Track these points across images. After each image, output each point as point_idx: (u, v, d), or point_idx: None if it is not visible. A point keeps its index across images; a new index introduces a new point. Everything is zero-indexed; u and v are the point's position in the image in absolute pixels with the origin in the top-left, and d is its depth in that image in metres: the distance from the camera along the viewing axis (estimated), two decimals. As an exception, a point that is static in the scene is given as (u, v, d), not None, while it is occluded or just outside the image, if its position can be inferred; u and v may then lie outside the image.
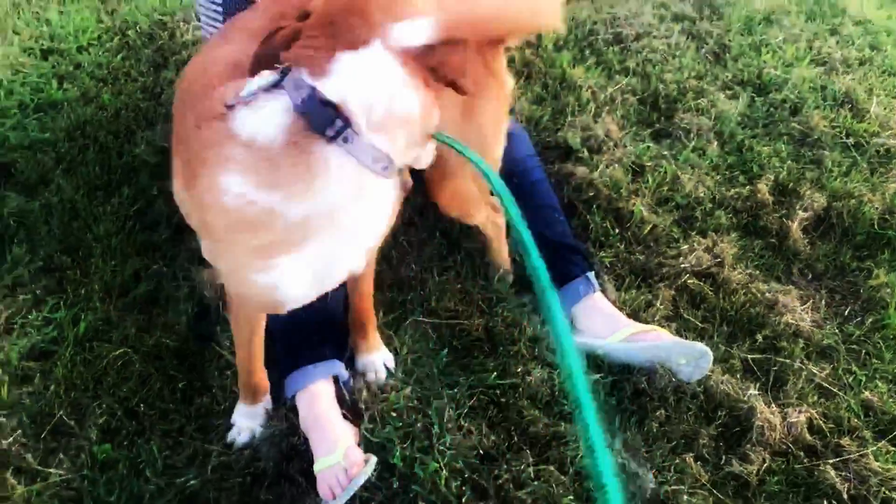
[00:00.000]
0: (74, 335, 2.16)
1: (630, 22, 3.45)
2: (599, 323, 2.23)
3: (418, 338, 2.23)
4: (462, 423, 1.98)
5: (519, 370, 2.13)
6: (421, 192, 2.53)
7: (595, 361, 2.16)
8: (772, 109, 3.04)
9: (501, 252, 2.39)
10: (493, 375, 2.10)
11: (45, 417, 2.01)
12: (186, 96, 1.56)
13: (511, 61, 3.20)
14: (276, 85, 1.32)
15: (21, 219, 2.45)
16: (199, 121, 1.39)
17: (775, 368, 2.17)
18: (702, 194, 2.64)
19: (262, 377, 2.00)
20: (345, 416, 1.99)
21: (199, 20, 2.21)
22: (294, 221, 1.34)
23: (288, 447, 1.96)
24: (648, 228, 2.53)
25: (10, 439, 1.95)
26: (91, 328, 2.18)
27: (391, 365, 2.13)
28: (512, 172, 2.36)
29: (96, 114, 2.79)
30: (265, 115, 1.30)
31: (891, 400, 2.10)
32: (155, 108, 2.84)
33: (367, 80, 1.30)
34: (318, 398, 1.97)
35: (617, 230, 2.53)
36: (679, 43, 3.34)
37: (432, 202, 2.08)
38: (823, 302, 2.38)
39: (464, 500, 1.82)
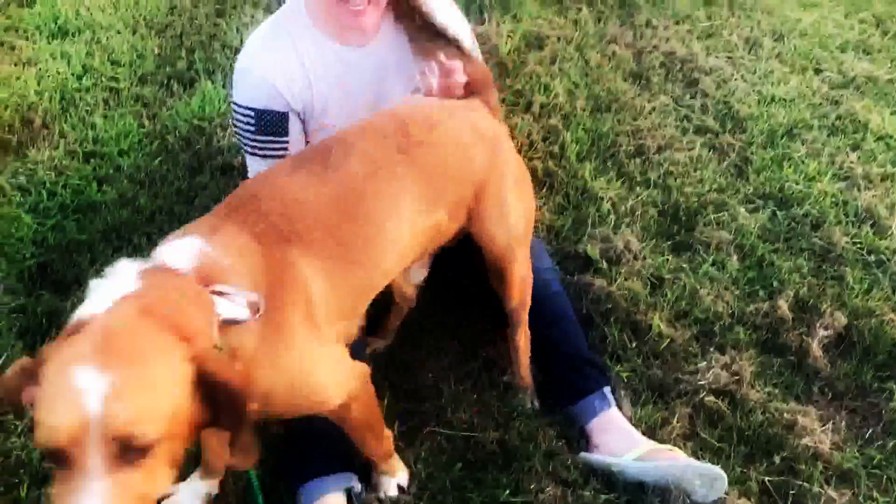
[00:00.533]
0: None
1: (652, 134, 3.53)
2: (615, 439, 2.22)
3: (433, 450, 2.23)
4: (472, 541, 1.97)
5: (532, 487, 2.13)
6: (440, 298, 2.60)
7: (608, 479, 2.15)
8: (793, 224, 3.06)
9: (524, 365, 2.39)
10: (506, 492, 2.09)
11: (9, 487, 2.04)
12: None
13: (533, 171, 3.29)
14: None
15: (53, 318, 2.52)
16: None
17: (793, 492, 2.13)
18: (721, 309, 2.65)
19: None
20: None
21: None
22: None
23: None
24: (666, 343, 2.53)
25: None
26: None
27: (405, 484, 2.13)
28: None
29: (132, 216, 2.90)
30: None
31: (913, 530, 2.06)
32: (188, 211, 2.93)
33: None
34: None
35: (634, 344, 2.54)
36: (701, 156, 3.40)
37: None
38: (844, 423, 2.35)
39: None
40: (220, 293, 1.41)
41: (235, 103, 2.21)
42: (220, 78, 3.69)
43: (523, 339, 2.36)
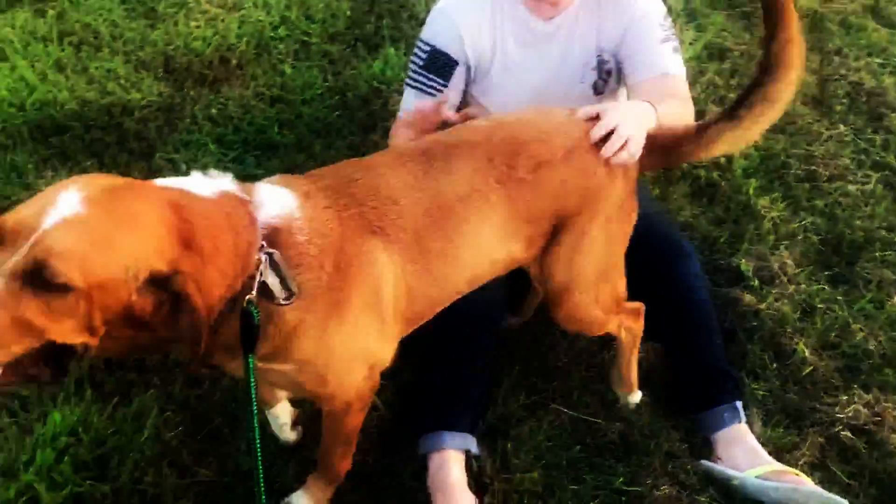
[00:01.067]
0: (245, 353, 2.36)
1: (826, 162, 3.41)
2: (740, 454, 2.20)
3: (554, 427, 2.28)
4: (581, 519, 2.01)
5: (648, 482, 2.14)
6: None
7: (726, 491, 2.13)
8: (965, 276, 2.90)
9: (630, 367, 2.31)
10: (620, 480, 2.12)
11: (205, 421, 2.21)
12: None
13: (696, 180, 3.25)
14: None
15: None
16: None
17: (921, 546, 2.05)
18: (872, 347, 2.56)
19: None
20: (469, 487, 2.07)
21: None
22: None
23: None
24: (808, 370, 2.47)
25: (173, 433, 2.15)
26: (261, 350, 2.38)
27: None
28: (676, 287, 2.40)
29: (306, 161, 3.07)
30: None
31: None
32: (356, 164, 3.08)
33: None
34: (448, 464, 2.07)
35: (775, 365, 2.49)
36: (875, 191, 3.26)
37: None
38: None
39: None
40: (271, 259, 1.42)
41: (419, 38, 2.34)
42: (403, 46, 3.83)
43: (620, 338, 2.25)
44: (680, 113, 2.12)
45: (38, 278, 1.15)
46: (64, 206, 1.19)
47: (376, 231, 1.63)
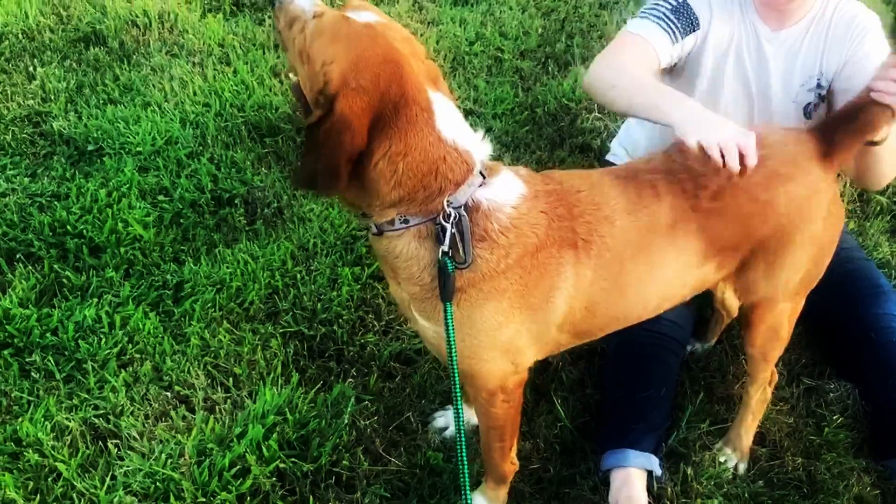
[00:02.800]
0: (435, 353, 2.49)
1: None
2: None
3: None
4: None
5: (835, 524, 2.09)
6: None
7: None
8: None
9: (749, 430, 2.25)
10: (805, 519, 2.08)
11: (396, 414, 2.35)
12: None
13: (895, 215, 3.12)
14: None
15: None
16: None
17: None
18: None
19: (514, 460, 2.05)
20: None
21: None
22: None
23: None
24: None
25: (368, 422, 2.30)
26: (450, 352, 2.49)
27: None
28: (872, 326, 2.32)
29: (496, 173, 3.18)
30: None
31: None
32: (544, 179, 3.16)
33: None
34: (632, 481, 2.10)
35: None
36: None
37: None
38: None
39: None
40: (460, 219, 1.53)
41: None
42: (592, 65, 3.88)
43: (755, 397, 2.21)
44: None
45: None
46: (369, 15, 1.52)
47: (578, 245, 1.67)
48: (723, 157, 1.70)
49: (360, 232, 2.84)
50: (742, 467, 2.26)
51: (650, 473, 2.18)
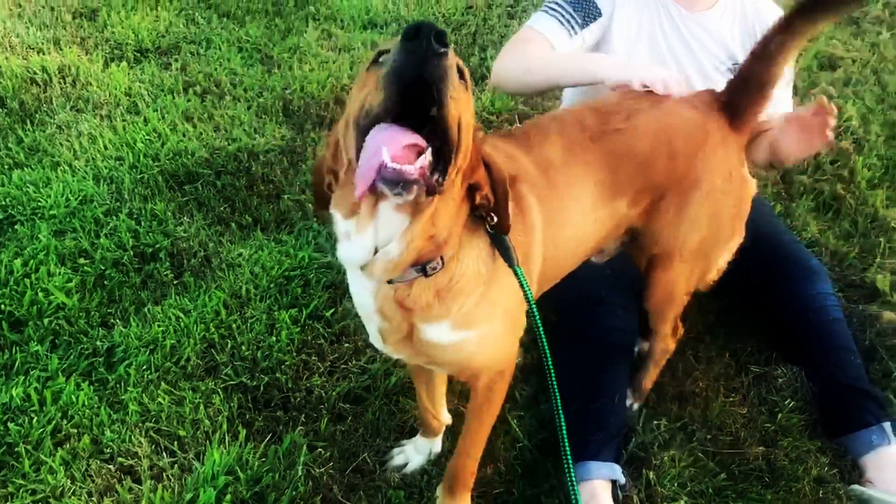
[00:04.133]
0: (385, 387, 2.43)
1: (959, 168, 3.29)
2: (891, 477, 2.14)
3: (696, 454, 2.26)
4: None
5: (798, 509, 2.10)
6: (720, 310, 2.61)
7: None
8: None
9: (651, 379, 2.39)
10: (770, 508, 2.09)
11: (352, 456, 2.28)
12: None
13: (819, 194, 3.18)
14: None
15: (352, 278, 2.82)
16: None
17: None
18: None
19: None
20: None
21: None
22: None
23: None
24: (961, 386, 2.38)
25: (323, 469, 2.23)
26: (399, 383, 2.44)
27: None
28: (808, 308, 2.37)
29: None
30: None
31: None
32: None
33: None
34: (598, 494, 2.09)
35: (923, 383, 2.41)
36: None
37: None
38: None
39: None
40: None
41: None
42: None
43: (658, 348, 2.33)
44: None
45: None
46: None
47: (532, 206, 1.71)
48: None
49: (292, 272, 2.77)
50: (636, 406, 2.39)
51: (614, 483, 2.16)
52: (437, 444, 2.29)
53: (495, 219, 1.49)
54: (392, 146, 1.18)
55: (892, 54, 4.20)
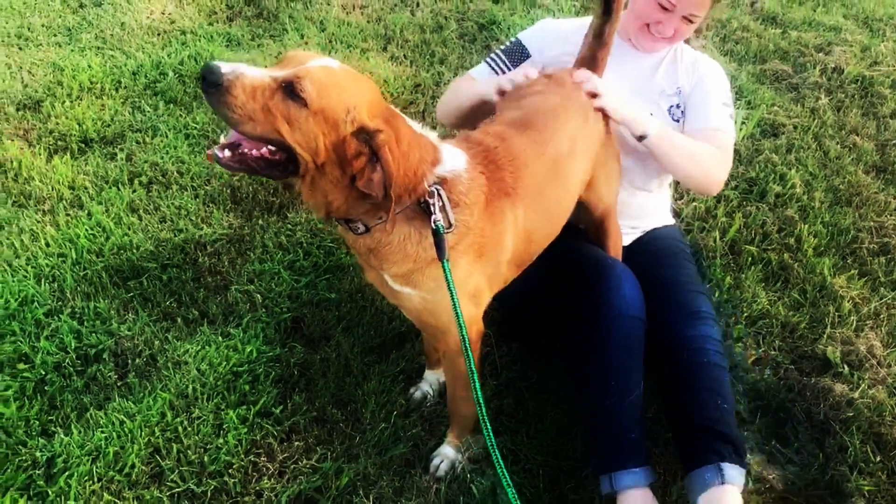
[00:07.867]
0: (337, 486, 2.36)
1: (899, 232, 3.35)
2: None
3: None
4: None
5: None
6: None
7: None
8: None
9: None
10: None
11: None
12: None
13: (768, 263, 3.21)
14: None
15: (304, 369, 2.76)
16: None
17: None
18: (979, 429, 2.46)
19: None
20: None
21: None
22: None
23: None
24: (916, 460, 2.38)
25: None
26: (352, 482, 2.37)
27: (456, 464, 2.45)
28: (684, 347, 2.32)
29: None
30: None
31: None
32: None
33: None
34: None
35: (878, 458, 2.40)
36: (956, 260, 3.18)
37: None
38: None
39: None
40: (439, 192, 1.81)
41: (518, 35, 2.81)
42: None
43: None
44: (710, 153, 2.49)
45: (291, 90, 1.60)
46: (326, 61, 1.70)
47: (510, 193, 1.99)
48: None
49: (240, 367, 2.70)
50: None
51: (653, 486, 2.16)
52: (442, 375, 2.64)
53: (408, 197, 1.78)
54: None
55: (831, 119, 4.31)
